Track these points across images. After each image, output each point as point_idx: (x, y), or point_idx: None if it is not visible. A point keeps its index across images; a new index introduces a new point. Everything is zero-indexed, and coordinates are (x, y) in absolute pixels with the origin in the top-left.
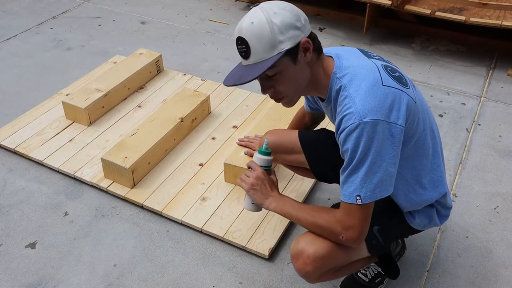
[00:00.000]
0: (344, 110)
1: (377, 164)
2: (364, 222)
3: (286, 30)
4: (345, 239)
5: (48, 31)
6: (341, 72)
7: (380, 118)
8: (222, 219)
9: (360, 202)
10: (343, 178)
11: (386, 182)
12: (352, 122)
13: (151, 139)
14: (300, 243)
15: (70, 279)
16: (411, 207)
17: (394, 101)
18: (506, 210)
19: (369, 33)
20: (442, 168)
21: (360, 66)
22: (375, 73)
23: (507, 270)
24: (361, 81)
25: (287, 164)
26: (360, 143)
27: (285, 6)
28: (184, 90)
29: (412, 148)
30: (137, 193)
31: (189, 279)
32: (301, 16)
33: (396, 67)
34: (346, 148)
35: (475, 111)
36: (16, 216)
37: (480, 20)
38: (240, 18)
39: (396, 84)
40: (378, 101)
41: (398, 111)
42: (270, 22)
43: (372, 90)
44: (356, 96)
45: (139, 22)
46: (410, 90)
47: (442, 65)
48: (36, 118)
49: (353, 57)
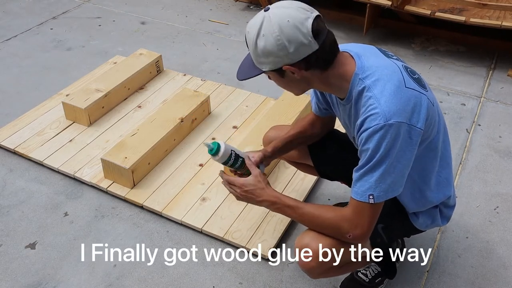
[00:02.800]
0: (368, 110)
1: (394, 165)
2: (372, 220)
3: (266, 57)
4: (352, 237)
5: (48, 31)
6: (363, 73)
7: (404, 120)
8: (222, 219)
9: (373, 201)
10: (357, 176)
11: (398, 182)
12: (377, 123)
13: (151, 140)
14: (304, 238)
15: (70, 279)
16: (416, 208)
17: (416, 104)
18: (506, 211)
19: (369, 33)
20: (448, 170)
21: (383, 66)
22: (398, 74)
23: (507, 271)
24: (385, 82)
25: (289, 160)
26: (382, 144)
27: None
28: (184, 90)
29: (423, 149)
30: (137, 193)
31: (189, 279)
32: (293, 42)
33: (414, 70)
34: (366, 148)
35: (475, 111)
36: (16, 216)
37: (480, 21)
38: (240, 18)
39: (417, 86)
40: (402, 103)
41: (418, 114)
42: (255, 43)
43: (397, 92)
44: (382, 97)
45: (139, 22)
46: (429, 93)
47: (442, 65)
48: (36, 118)
49: (373, 57)
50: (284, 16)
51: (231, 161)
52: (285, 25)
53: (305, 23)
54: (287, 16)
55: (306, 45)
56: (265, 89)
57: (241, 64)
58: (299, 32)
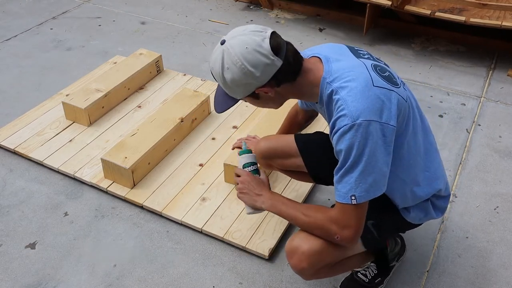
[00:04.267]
0: (337, 112)
1: (372, 165)
2: (359, 221)
3: (237, 86)
4: (340, 239)
5: (48, 31)
6: (330, 76)
7: (373, 118)
8: (222, 220)
9: (355, 202)
10: (337, 178)
11: (380, 181)
12: (345, 123)
13: (151, 140)
14: (295, 240)
15: (70, 280)
16: (406, 204)
17: (385, 101)
18: (506, 211)
19: (369, 33)
20: (435, 164)
21: (349, 67)
22: (365, 74)
23: (507, 271)
24: (352, 83)
25: (283, 169)
26: (354, 143)
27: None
28: (184, 90)
29: (404, 147)
30: (137, 193)
31: (189, 279)
32: (258, 66)
33: (386, 66)
34: (339, 149)
35: (475, 111)
36: (16, 216)
37: (480, 21)
38: (240, 18)
39: (386, 84)
40: (370, 102)
41: (389, 111)
42: (222, 76)
43: (364, 92)
44: (348, 98)
45: (139, 22)
46: (401, 89)
47: (442, 65)
48: (36, 118)
49: (342, 58)
50: (241, 45)
51: (254, 165)
52: (245, 52)
53: (262, 44)
54: (243, 43)
55: (270, 65)
56: None
57: (216, 96)
58: (260, 55)
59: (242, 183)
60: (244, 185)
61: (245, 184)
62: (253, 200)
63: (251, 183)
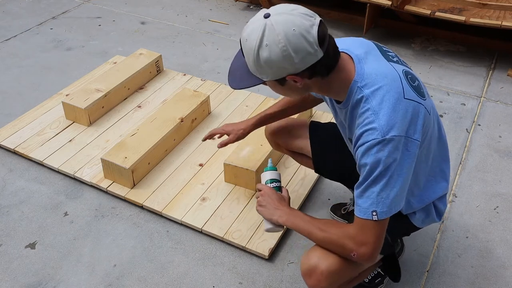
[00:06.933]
0: (365, 124)
1: (394, 179)
2: (378, 239)
3: (269, 67)
4: (357, 257)
5: (48, 31)
6: (362, 81)
7: (402, 134)
8: (222, 219)
9: (376, 218)
10: (358, 192)
11: (400, 196)
12: (374, 137)
13: (151, 140)
14: (312, 259)
15: (70, 279)
16: (409, 210)
17: (413, 115)
18: (506, 211)
19: (369, 33)
20: (439, 169)
21: (382, 74)
22: (398, 83)
23: (507, 271)
24: (384, 94)
25: (289, 149)
26: (381, 158)
27: (288, 39)
28: (184, 90)
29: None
30: (137, 193)
31: (189, 279)
32: (299, 52)
33: (415, 74)
34: (364, 163)
35: (475, 111)
36: (16, 216)
37: (480, 21)
38: (239, 18)
39: (416, 96)
40: (400, 116)
41: (415, 126)
42: (256, 52)
43: (396, 105)
44: (380, 110)
45: (139, 22)
46: (427, 101)
47: (442, 65)
48: (36, 118)
49: (374, 61)
50: (289, 25)
51: (277, 182)
52: (291, 34)
53: (311, 31)
54: (292, 24)
55: (312, 54)
56: (265, 89)
57: (232, 69)
58: (305, 42)
59: (262, 196)
60: (264, 198)
61: (265, 197)
62: (271, 213)
63: (271, 197)
